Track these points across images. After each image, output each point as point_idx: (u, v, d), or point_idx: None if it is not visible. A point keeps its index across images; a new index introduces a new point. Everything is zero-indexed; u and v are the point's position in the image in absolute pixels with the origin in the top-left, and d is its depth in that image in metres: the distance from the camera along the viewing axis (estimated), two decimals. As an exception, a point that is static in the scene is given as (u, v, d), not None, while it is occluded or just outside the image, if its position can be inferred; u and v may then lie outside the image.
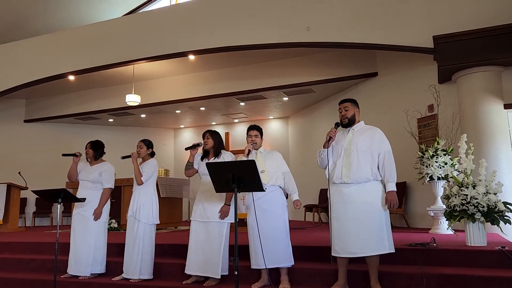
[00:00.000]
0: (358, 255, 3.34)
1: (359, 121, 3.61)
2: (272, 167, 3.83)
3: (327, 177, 3.53)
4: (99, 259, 4.45)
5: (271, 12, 7.04)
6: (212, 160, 4.01)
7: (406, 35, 6.14)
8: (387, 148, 3.43)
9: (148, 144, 4.47)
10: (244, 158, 3.68)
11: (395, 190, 3.36)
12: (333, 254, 3.43)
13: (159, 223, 4.43)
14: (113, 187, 4.62)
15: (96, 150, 4.60)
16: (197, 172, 4.11)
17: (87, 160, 4.65)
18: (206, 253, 3.88)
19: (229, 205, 3.91)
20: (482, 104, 5.75)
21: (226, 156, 4.03)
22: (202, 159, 4.10)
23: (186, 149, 4.08)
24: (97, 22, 9.12)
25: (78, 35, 8.59)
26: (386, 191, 3.36)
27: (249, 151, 3.77)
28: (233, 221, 3.90)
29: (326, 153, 3.50)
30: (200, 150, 4.16)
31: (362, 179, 3.37)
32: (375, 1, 6.43)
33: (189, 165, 4.06)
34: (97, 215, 4.44)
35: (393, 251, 3.38)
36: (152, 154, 4.51)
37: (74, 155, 4.55)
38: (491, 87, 5.79)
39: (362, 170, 3.37)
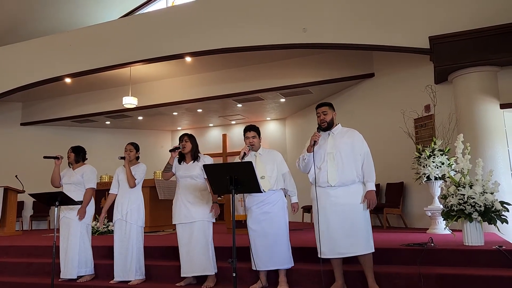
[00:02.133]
0: (346, 255, 3.38)
1: (336, 124, 3.64)
2: (273, 172, 3.81)
3: (311, 180, 3.56)
4: (84, 261, 4.46)
5: (267, 13, 7.05)
6: (191, 163, 4.06)
7: (402, 36, 6.16)
8: (366, 150, 3.50)
9: (136, 146, 4.52)
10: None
11: (374, 189, 3.44)
12: (320, 256, 3.43)
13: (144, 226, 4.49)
14: (96, 187, 4.66)
15: (78, 154, 4.64)
16: (173, 175, 4.12)
17: (69, 166, 4.68)
18: (197, 253, 3.91)
19: (217, 203, 4.02)
20: (478, 104, 5.77)
21: (206, 160, 4.08)
22: (179, 162, 4.11)
23: (170, 151, 4.09)
24: (94, 24, 9.12)
25: (74, 37, 8.58)
26: (366, 191, 3.42)
27: (245, 154, 3.74)
28: (214, 221, 4.03)
29: (310, 158, 3.51)
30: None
31: (348, 182, 3.41)
32: (371, 2, 6.45)
33: (169, 167, 4.07)
34: (81, 215, 4.44)
35: (374, 250, 3.43)
36: (137, 158, 4.55)
37: (55, 157, 4.56)
38: (487, 87, 5.81)
39: (347, 173, 3.41)
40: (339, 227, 3.36)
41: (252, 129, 3.91)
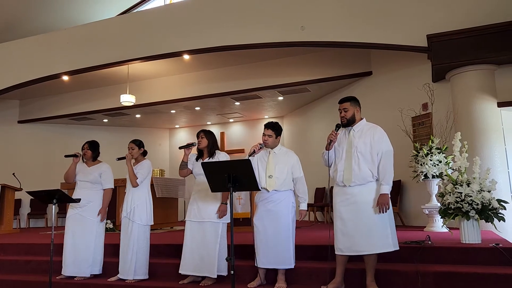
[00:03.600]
0: (363, 253, 3.34)
1: (360, 119, 3.56)
2: (282, 173, 3.72)
3: (331, 177, 3.52)
4: (98, 260, 4.45)
5: (265, 11, 7.04)
6: (206, 160, 3.98)
7: (400, 34, 6.17)
8: (385, 149, 3.39)
9: (139, 144, 4.43)
10: (250, 157, 3.62)
11: (388, 193, 3.32)
12: (336, 252, 3.42)
13: (153, 223, 4.42)
14: (113, 187, 4.60)
15: (94, 151, 4.56)
16: (191, 172, 4.09)
17: (83, 161, 4.60)
18: (202, 253, 3.87)
19: (226, 204, 3.89)
20: (476, 103, 5.79)
21: (221, 156, 4.01)
22: (197, 159, 4.07)
23: (180, 148, 4.06)
24: (91, 22, 9.09)
25: (72, 35, 8.55)
26: (379, 193, 3.32)
27: (254, 151, 3.69)
28: (229, 221, 3.89)
29: (328, 155, 3.50)
30: (194, 150, 4.13)
31: (364, 181, 3.36)
32: (369, 1, 6.45)
33: (183, 165, 4.02)
34: (103, 215, 4.43)
35: (397, 248, 3.38)
36: (144, 154, 4.47)
37: (74, 155, 4.50)
38: (484, 86, 5.83)
39: (362, 173, 3.36)
40: (355, 225, 3.33)
41: (270, 127, 3.79)
